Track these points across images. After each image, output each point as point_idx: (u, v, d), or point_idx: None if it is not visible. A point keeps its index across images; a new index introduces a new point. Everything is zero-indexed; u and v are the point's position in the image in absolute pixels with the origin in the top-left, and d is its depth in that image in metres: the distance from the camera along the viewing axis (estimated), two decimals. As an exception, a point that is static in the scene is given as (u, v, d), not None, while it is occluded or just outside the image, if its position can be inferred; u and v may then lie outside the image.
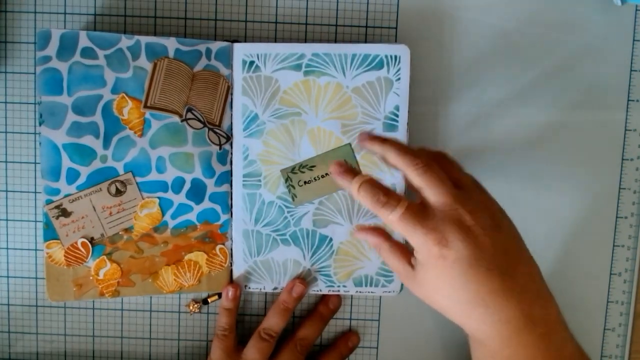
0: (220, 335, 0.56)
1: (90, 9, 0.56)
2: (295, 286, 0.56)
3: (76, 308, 0.59)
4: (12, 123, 0.57)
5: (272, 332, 0.56)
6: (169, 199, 0.55)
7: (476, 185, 0.48)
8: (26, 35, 0.56)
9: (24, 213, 0.58)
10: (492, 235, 0.44)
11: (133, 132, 0.54)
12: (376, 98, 0.54)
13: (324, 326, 0.58)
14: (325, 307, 0.58)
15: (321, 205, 0.55)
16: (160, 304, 0.59)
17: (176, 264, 0.56)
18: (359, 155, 0.55)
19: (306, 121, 0.55)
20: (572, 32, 0.57)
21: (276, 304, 0.56)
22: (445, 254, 0.43)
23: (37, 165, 0.57)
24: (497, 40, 0.57)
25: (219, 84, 0.55)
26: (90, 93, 0.53)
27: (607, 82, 0.57)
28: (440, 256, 0.43)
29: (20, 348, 0.60)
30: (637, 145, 0.58)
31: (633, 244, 0.59)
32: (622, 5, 0.55)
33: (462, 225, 0.43)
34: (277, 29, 0.57)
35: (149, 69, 0.53)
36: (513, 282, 0.44)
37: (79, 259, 0.55)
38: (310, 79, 0.54)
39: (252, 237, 0.56)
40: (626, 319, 0.59)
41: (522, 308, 0.43)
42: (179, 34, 0.56)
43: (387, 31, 0.57)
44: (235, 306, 0.57)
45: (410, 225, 0.44)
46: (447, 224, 0.43)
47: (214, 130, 0.55)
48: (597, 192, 0.58)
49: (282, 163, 0.55)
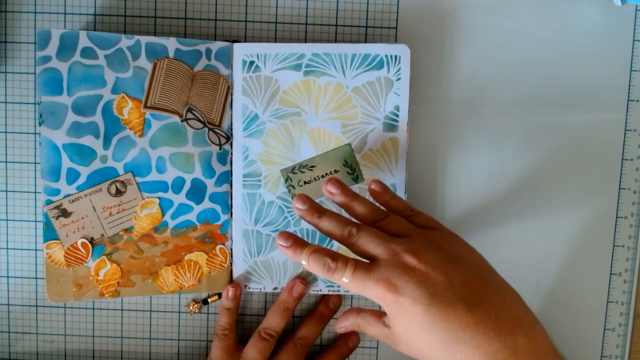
0: (221, 334, 0.56)
1: (90, 9, 0.56)
2: (296, 286, 0.56)
3: (76, 308, 0.59)
4: (12, 123, 0.57)
5: (272, 331, 0.56)
6: (169, 199, 0.55)
7: (429, 223, 0.49)
8: (26, 35, 0.56)
9: (24, 213, 0.58)
10: (445, 270, 0.44)
11: (133, 132, 0.54)
12: (376, 98, 0.54)
13: (324, 326, 0.58)
14: (325, 307, 0.58)
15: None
16: (160, 304, 0.59)
17: (176, 264, 0.56)
18: (359, 155, 0.55)
19: (306, 121, 0.55)
20: (572, 32, 0.57)
21: (276, 303, 0.56)
22: (399, 299, 0.43)
23: (37, 165, 0.57)
24: (497, 40, 0.57)
25: (219, 84, 0.55)
26: (90, 93, 0.53)
27: (607, 82, 0.57)
28: (396, 302, 0.44)
29: (20, 348, 0.60)
30: (637, 145, 0.58)
31: (633, 244, 0.59)
32: (622, 5, 0.55)
33: (405, 267, 0.44)
34: (277, 29, 0.57)
35: (149, 69, 0.53)
36: (484, 314, 0.43)
37: (78, 259, 0.55)
38: (310, 79, 0.54)
39: (252, 237, 0.56)
40: (626, 319, 0.59)
41: (502, 340, 0.42)
42: (179, 34, 0.56)
43: (387, 31, 0.57)
44: (236, 306, 0.57)
45: (361, 281, 0.44)
46: (391, 270, 0.44)
47: (214, 130, 0.55)
48: (597, 192, 0.58)
49: (282, 163, 0.55)
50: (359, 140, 0.55)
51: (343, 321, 0.54)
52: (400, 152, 0.55)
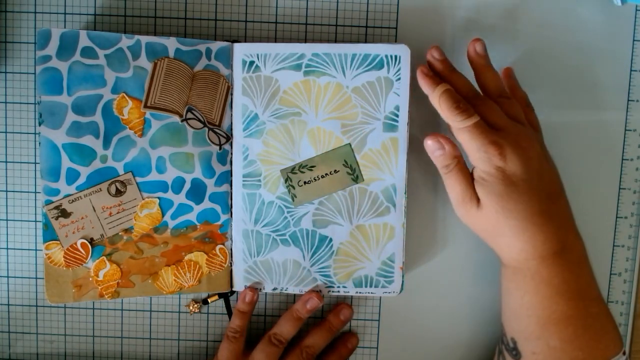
0: (231, 337, 0.56)
1: (90, 9, 0.56)
2: (311, 299, 0.56)
3: (76, 308, 0.59)
4: (12, 123, 0.57)
5: (282, 338, 0.56)
6: (169, 199, 0.55)
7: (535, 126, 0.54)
8: (26, 35, 0.56)
9: (23, 213, 0.58)
10: (541, 163, 0.49)
11: (133, 132, 0.54)
12: (376, 98, 0.54)
13: (332, 336, 0.58)
14: (335, 318, 0.58)
15: (321, 205, 0.55)
16: (160, 304, 0.59)
17: (176, 264, 0.56)
18: (359, 155, 0.55)
19: (306, 121, 0.55)
20: (572, 32, 0.57)
21: (289, 311, 0.56)
22: (503, 166, 0.48)
23: (36, 165, 0.57)
24: (497, 40, 0.57)
25: (219, 84, 0.55)
26: (90, 93, 0.53)
27: (607, 82, 0.57)
28: (499, 168, 0.48)
29: (20, 348, 0.60)
30: (637, 145, 0.58)
31: (633, 244, 0.59)
32: (622, 5, 0.56)
33: (518, 145, 0.48)
34: (277, 29, 0.57)
35: (149, 68, 0.53)
36: (556, 209, 0.49)
37: (78, 259, 0.54)
38: (310, 79, 0.54)
39: (252, 237, 0.56)
40: (626, 319, 0.59)
41: (560, 234, 0.49)
42: (179, 34, 0.56)
43: (387, 31, 0.57)
44: (250, 310, 0.57)
45: (479, 133, 0.48)
46: (506, 140, 0.48)
47: (214, 130, 0.55)
48: (597, 192, 0.58)
49: (282, 163, 0.55)
50: (359, 140, 0.55)
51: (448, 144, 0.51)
52: (400, 152, 0.55)
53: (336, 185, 0.55)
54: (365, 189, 0.55)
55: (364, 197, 0.55)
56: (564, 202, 0.51)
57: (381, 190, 0.55)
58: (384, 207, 0.55)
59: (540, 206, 0.48)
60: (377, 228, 0.56)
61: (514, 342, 0.51)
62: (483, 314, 0.59)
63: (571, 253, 0.49)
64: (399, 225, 0.56)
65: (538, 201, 0.48)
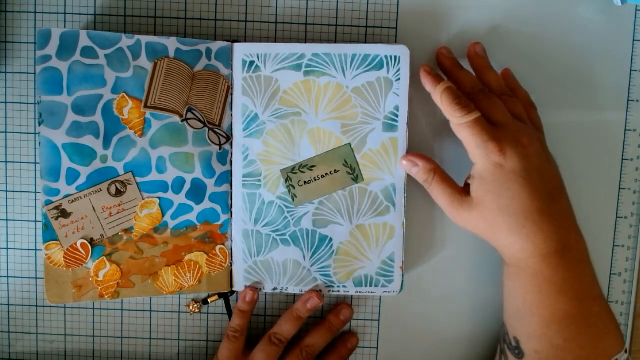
0: (231, 336, 0.56)
1: (90, 9, 0.56)
2: (311, 299, 0.56)
3: (76, 308, 0.59)
4: (12, 123, 0.57)
5: (282, 337, 0.56)
6: (169, 199, 0.55)
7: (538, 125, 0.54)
8: (26, 35, 0.56)
9: (23, 213, 0.58)
10: (542, 162, 0.50)
11: (133, 132, 0.54)
12: (376, 98, 0.54)
13: (332, 336, 0.58)
14: (336, 318, 0.58)
15: (321, 205, 0.55)
16: (160, 304, 0.59)
17: (176, 264, 0.56)
18: (359, 155, 0.55)
19: (306, 121, 0.55)
20: (572, 32, 0.57)
21: (289, 311, 0.56)
22: (503, 163, 0.48)
23: (36, 165, 0.57)
24: (497, 40, 0.57)
25: (219, 84, 0.55)
26: (90, 93, 0.53)
27: (607, 82, 0.57)
28: (498, 164, 0.49)
29: (20, 348, 0.60)
30: (637, 145, 0.58)
31: (633, 244, 0.59)
32: (622, 5, 0.56)
33: (519, 143, 0.49)
34: (277, 29, 0.57)
35: (149, 68, 0.53)
36: (556, 208, 0.49)
37: (78, 260, 0.54)
38: (310, 79, 0.54)
39: (252, 237, 0.56)
40: (626, 319, 0.59)
41: (562, 233, 0.49)
42: (179, 34, 0.56)
43: (387, 31, 0.57)
44: (250, 310, 0.57)
45: (479, 130, 0.49)
46: (507, 137, 0.49)
47: (214, 130, 0.55)
48: (597, 192, 0.58)
49: (282, 163, 0.55)
50: (359, 140, 0.55)
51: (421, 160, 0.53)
52: (400, 152, 0.55)
53: (336, 185, 0.55)
54: (365, 188, 0.55)
55: (364, 197, 0.55)
56: (565, 201, 0.51)
57: (381, 190, 0.55)
58: (383, 207, 0.55)
59: (539, 204, 0.48)
60: (377, 228, 0.56)
61: (516, 341, 0.51)
62: (483, 314, 0.59)
63: (573, 252, 0.49)
64: (398, 225, 0.56)
65: (537, 199, 0.48)
